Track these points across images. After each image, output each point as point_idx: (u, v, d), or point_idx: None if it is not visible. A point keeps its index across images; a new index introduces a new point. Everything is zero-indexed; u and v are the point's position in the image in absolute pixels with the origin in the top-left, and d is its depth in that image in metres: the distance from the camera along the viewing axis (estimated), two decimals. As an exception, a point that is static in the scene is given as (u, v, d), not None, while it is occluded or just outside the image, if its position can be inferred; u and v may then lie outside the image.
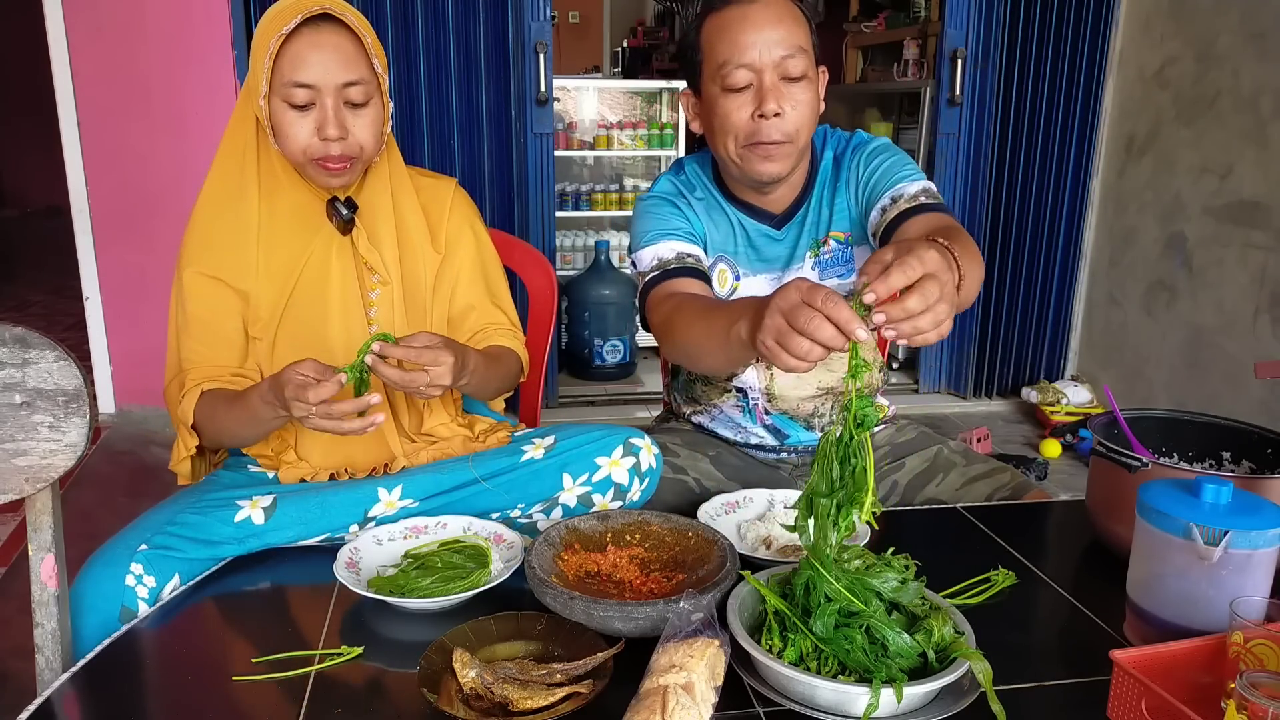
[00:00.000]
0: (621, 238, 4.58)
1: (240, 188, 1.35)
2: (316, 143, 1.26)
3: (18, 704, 0.91)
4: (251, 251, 1.33)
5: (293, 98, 1.24)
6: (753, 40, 1.34)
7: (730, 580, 1.02)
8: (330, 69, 1.24)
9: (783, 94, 1.35)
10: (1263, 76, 2.99)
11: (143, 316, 3.40)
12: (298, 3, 1.23)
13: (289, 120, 1.26)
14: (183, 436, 1.32)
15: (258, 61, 1.25)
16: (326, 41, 1.24)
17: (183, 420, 1.30)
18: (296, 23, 1.21)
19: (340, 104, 1.26)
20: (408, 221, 1.43)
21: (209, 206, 1.36)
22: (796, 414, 1.55)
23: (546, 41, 3.42)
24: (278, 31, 1.21)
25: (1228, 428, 1.34)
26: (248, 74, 1.31)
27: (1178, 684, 0.84)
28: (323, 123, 1.25)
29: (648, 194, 1.54)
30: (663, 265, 1.43)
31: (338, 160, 1.28)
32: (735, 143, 1.40)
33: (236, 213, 1.34)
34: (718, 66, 1.37)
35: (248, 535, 1.21)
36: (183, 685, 0.99)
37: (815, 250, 1.51)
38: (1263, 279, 3.00)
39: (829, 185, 1.52)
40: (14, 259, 6.79)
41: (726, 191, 1.53)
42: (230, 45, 3.22)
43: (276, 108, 1.26)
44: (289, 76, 1.23)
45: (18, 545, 2.57)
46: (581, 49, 8.23)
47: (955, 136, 3.75)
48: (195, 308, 1.34)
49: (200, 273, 1.34)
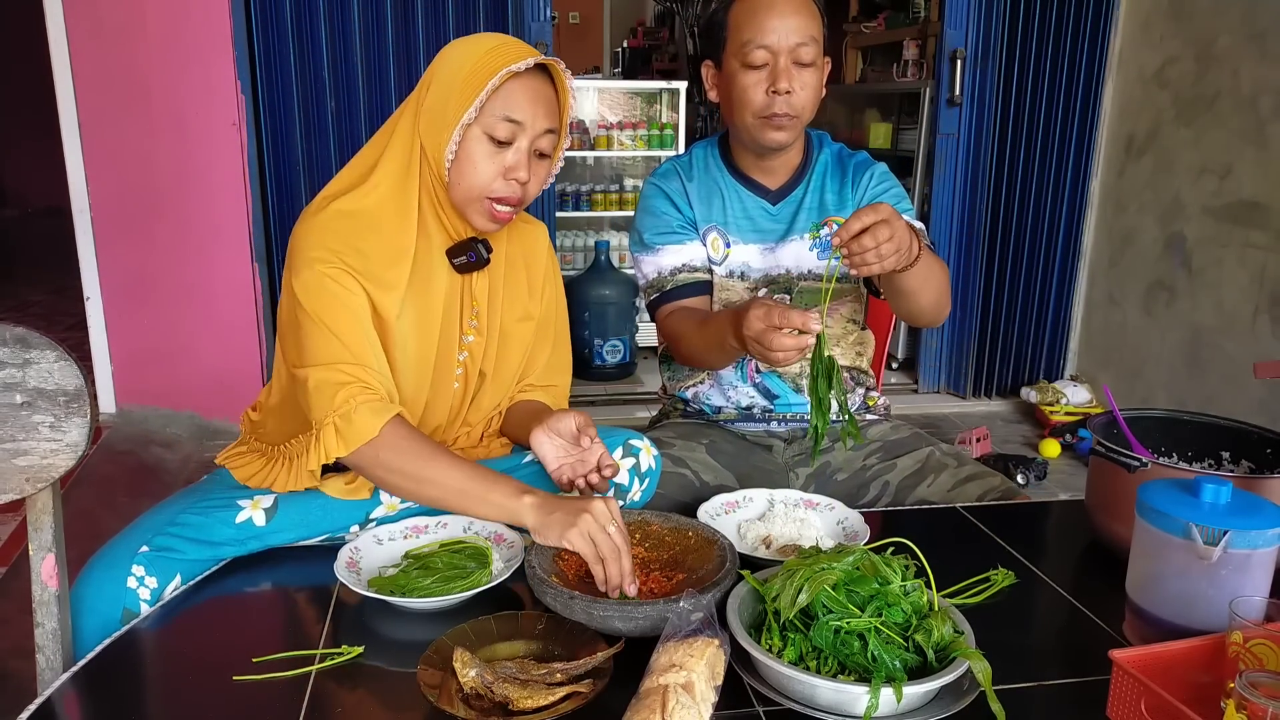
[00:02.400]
0: (622, 238, 4.59)
1: (404, 210, 1.26)
2: (501, 182, 1.24)
3: (18, 704, 0.91)
4: (403, 274, 1.26)
5: (496, 131, 1.22)
6: (774, 25, 1.51)
7: (730, 580, 1.02)
8: (539, 115, 1.24)
9: (794, 75, 1.52)
10: (1263, 76, 2.99)
11: (143, 316, 3.40)
12: (519, 46, 1.25)
13: (483, 153, 1.23)
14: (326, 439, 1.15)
15: (465, 88, 1.20)
16: (540, 88, 1.25)
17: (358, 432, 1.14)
18: (530, 64, 1.22)
19: (533, 150, 1.26)
20: (515, 271, 1.41)
21: (360, 219, 1.25)
22: (786, 373, 1.70)
23: (547, 42, 3.42)
24: (500, 66, 1.19)
25: (1227, 428, 1.34)
26: (428, 97, 1.24)
27: (1177, 684, 0.84)
28: (516, 164, 1.24)
29: (651, 179, 1.72)
30: (663, 283, 1.65)
31: (512, 203, 1.26)
32: (750, 113, 1.55)
33: (399, 231, 1.26)
34: (741, 44, 1.53)
35: (249, 536, 1.22)
36: (183, 685, 0.99)
37: (815, 231, 1.66)
38: (1262, 279, 3.00)
39: (829, 176, 1.67)
40: (14, 259, 6.80)
41: (732, 165, 1.68)
42: (230, 45, 3.22)
43: (473, 137, 1.22)
44: (501, 110, 1.21)
45: (18, 545, 2.57)
46: (581, 49, 8.23)
47: (955, 136, 3.75)
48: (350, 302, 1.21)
49: (350, 275, 1.21)
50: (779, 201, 1.66)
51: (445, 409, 1.36)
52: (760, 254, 1.65)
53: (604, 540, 1.06)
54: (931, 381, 4.07)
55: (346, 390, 1.15)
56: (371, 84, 3.36)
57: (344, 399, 1.15)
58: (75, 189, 3.31)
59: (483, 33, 1.28)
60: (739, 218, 1.66)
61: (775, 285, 1.65)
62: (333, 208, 1.24)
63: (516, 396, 1.44)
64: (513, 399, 1.44)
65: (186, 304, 3.37)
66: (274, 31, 3.25)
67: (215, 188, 3.34)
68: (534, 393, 1.45)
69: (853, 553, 0.97)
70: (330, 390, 1.16)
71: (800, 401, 1.69)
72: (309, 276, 1.19)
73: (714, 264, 1.66)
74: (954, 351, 4.02)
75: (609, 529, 1.06)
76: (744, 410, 1.70)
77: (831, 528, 1.29)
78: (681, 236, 1.65)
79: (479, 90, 1.19)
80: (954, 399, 4.04)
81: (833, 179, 1.67)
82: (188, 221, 3.34)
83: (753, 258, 1.65)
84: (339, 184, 1.28)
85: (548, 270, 1.46)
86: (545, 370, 1.46)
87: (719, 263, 1.66)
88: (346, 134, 3.38)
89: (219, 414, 3.43)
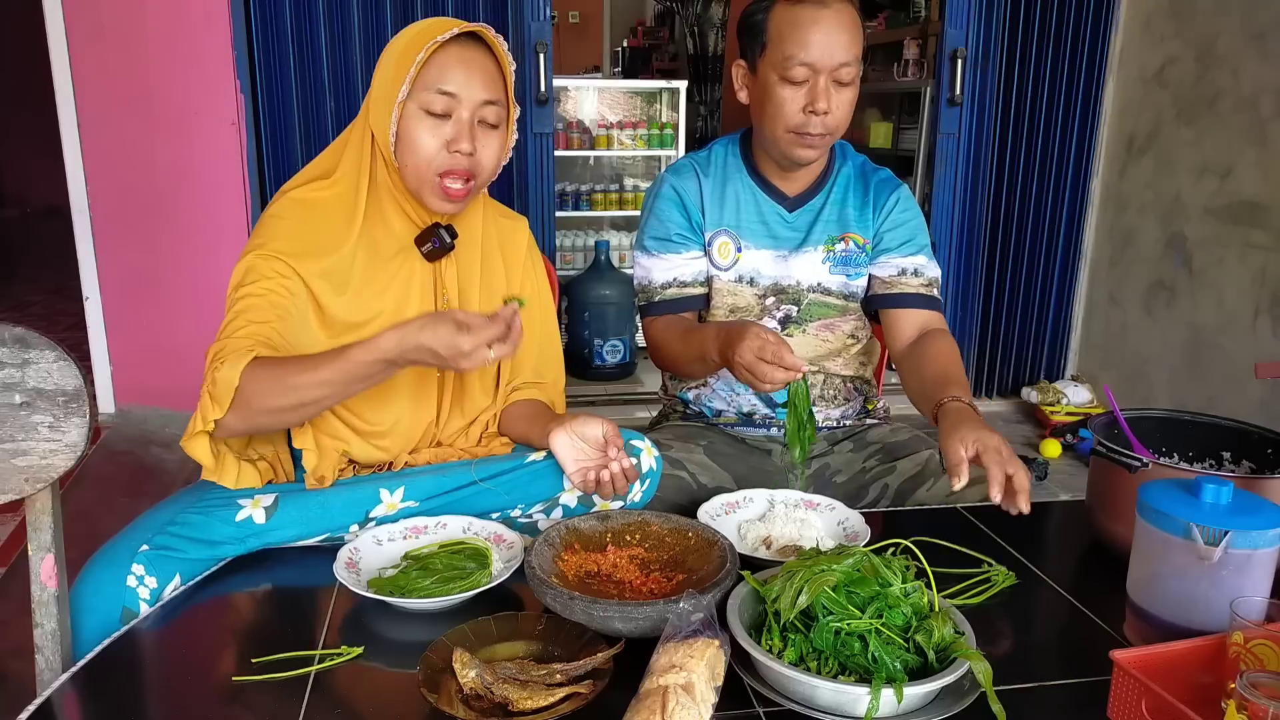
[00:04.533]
0: (622, 237, 4.59)
1: (354, 201, 1.29)
2: (445, 155, 1.24)
3: (18, 704, 0.91)
4: (346, 268, 1.28)
5: (432, 105, 1.22)
6: (819, 42, 1.46)
7: (730, 580, 1.02)
8: (474, 84, 1.23)
9: (832, 95, 1.49)
10: (1263, 76, 2.99)
11: (143, 316, 3.40)
12: (447, 21, 1.25)
13: (423, 128, 1.23)
14: (203, 407, 1.13)
15: (398, 68, 1.22)
16: (474, 59, 1.24)
17: (222, 388, 1.11)
18: (453, 34, 1.21)
19: (475, 121, 1.25)
20: (492, 261, 1.41)
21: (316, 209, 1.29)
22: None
23: (547, 41, 3.42)
24: (426, 43, 1.20)
25: (1228, 428, 1.34)
26: (373, 89, 1.28)
27: (1178, 684, 0.84)
28: (457, 135, 1.23)
29: (666, 173, 1.68)
30: (651, 294, 1.65)
31: (461, 176, 1.26)
32: (783, 127, 1.52)
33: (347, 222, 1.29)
34: (782, 57, 1.48)
35: (249, 535, 1.21)
36: (183, 685, 0.99)
37: (830, 245, 1.63)
38: (1263, 279, 3.00)
39: (851, 190, 1.65)
40: (14, 259, 6.79)
41: (752, 167, 1.65)
42: (230, 45, 3.22)
43: (410, 114, 1.23)
44: (433, 83, 1.22)
45: (18, 545, 2.57)
46: (581, 49, 8.23)
47: (955, 136, 3.74)
48: (267, 287, 1.23)
49: (283, 263, 1.24)
50: (796, 209, 1.64)
51: (431, 401, 1.37)
52: (773, 261, 1.63)
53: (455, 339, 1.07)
54: (932, 381, 4.07)
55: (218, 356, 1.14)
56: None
57: (212, 364, 1.14)
58: (75, 189, 3.31)
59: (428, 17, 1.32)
60: (753, 222, 1.64)
61: (784, 295, 1.64)
62: (286, 196, 1.29)
63: (511, 397, 1.44)
64: (507, 400, 1.44)
65: (186, 304, 3.36)
66: (274, 31, 3.24)
67: (215, 188, 3.33)
68: (528, 390, 1.45)
69: (853, 554, 0.97)
70: (209, 358, 1.15)
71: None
72: (243, 263, 1.24)
73: (720, 270, 1.64)
74: (954, 351, 4.02)
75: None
76: (745, 415, 1.70)
77: (832, 528, 1.29)
78: (679, 246, 1.63)
79: (408, 67, 1.20)
80: (954, 399, 4.03)
81: (855, 194, 1.65)
82: (188, 221, 3.34)
83: (764, 264, 1.63)
84: (301, 176, 1.32)
85: (527, 263, 1.46)
86: (535, 368, 1.47)
87: (726, 268, 1.63)
88: (346, 134, 3.38)
89: (219, 414, 3.43)
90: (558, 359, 1.51)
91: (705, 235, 1.64)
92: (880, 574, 0.95)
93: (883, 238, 1.65)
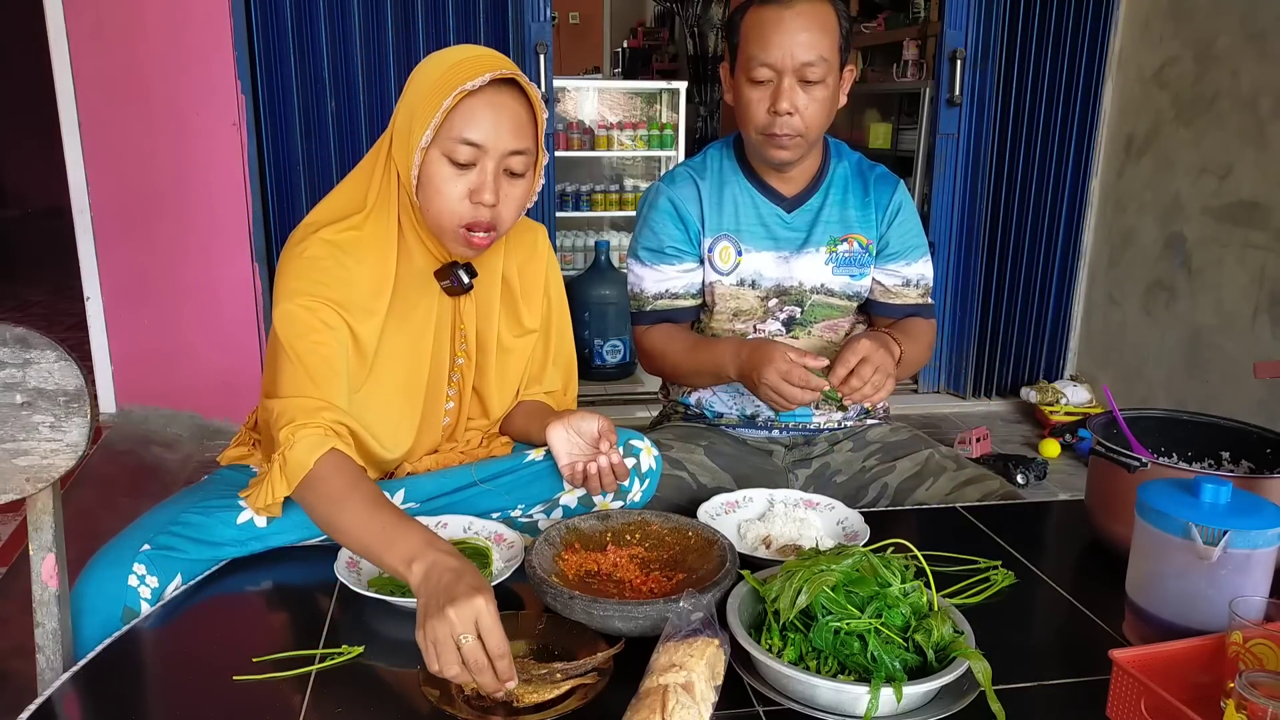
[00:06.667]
0: (622, 237, 4.59)
1: (386, 238, 1.24)
2: (468, 206, 1.19)
3: (18, 704, 0.91)
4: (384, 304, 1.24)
5: (456, 154, 1.16)
6: (779, 42, 1.45)
7: (730, 580, 1.02)
8: (502, 133, 1.17)
9: (797, 95, 1.47)
10: (1262, 77, 2.99)
11: (143, 317, 3.40)
12: (480, 61, 1.17)
13: (444, 176, 1.18)
14: (273, 479, 1.13)
15: (425, 109, 1.16)
16: (504, 104, 1.17)
17: (293, 469, 1.10)
18: (485, 80, 1.15)
19: (500, 171, 1.19)
20: (512, 291, 1.38)
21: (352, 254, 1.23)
22: None
23: (547, 42, 3.42)
24: (458, 84, 1.14)
25: (1227, 428, 1.34)
26: (398, 117, 1.22)
27: (1177, 684, 0.84)
28: (480, 186, 1.18)
29: (661, 183, 1.66)
30: (642, 303, 1.65)
31: (484, 228, 1.20)
32: (753, 129, 1.53)
33: (382, 261, 1.24)
34: (747, 58, 1.49)
35: (250, 537, 1.21)
36: (183, 685, 0.99)
37: (833, 245, 1.63)
38: (1262, 279, 3.00)
39: (850, 189, 1.64)
40: (14, 259, 6.79)
41: (748, 169, 1.65)
42: (230, 45, 3.22)
43: (433, 160, 1.18)
44: (459, 132, 1.16)
45: (18, 545, 2.56)
46: (581, 49, 8.23)
47: (955, 137, 3.75)
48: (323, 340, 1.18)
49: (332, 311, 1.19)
50: (794, 210, 1.63)
51: (439, 431, 1.37)
52: (774, 263, 1.63)
53: (449, 655, 0.87)
54: (931, 382, 4.07)
55: (293, 425, 1.12)
56: (371, 84, 3.36)
57: (287, 435, 1.12)
58: (75, 189, 3.31)
59: (459, 45, 1.23)
60: (753, 224, 1.63)
61: (787, 297, 1.63)
62: (318, 237, 1.22)
63: (519, 397, 1.44)
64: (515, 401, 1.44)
65: (186, 304, 3.36)
66: (274, 31, 3.24)
67: (215, 187, 3.33)
68: (536, 392, 1.45)
69: (852, 554, 0.97)
70: (282, 423, 1.13)
71: (804, 412, 1.67)
72: (289, 309, 1.18)
73: (721, 274, 1.63)
74: (954, 352, 4.02)
75: (462, 639, 0.87)
76: (747, 418, 1.69)
77: (831, 528, 1.29)
78: (672, 259, 1.62)
79: (434, 111, 1.15)
80: (954, 399, 4.03)
81: (854, 193, 1.64)
82: (188, 221, 3.34)
83: (766, 266, 1.63)
84: (328, 208, 1.26)
85: (548, 275, 1.43)
86: (547, 373, 1.46)
87: (728, 272, 1.62)
88: (346, 134, 3.38)
89: (219, 414, 3.43)
90: (571, 363, 1.50)
91: (705, 242, 1.63)
92: (879, 574, 0.95)
93: (889, 242, 1.65)
